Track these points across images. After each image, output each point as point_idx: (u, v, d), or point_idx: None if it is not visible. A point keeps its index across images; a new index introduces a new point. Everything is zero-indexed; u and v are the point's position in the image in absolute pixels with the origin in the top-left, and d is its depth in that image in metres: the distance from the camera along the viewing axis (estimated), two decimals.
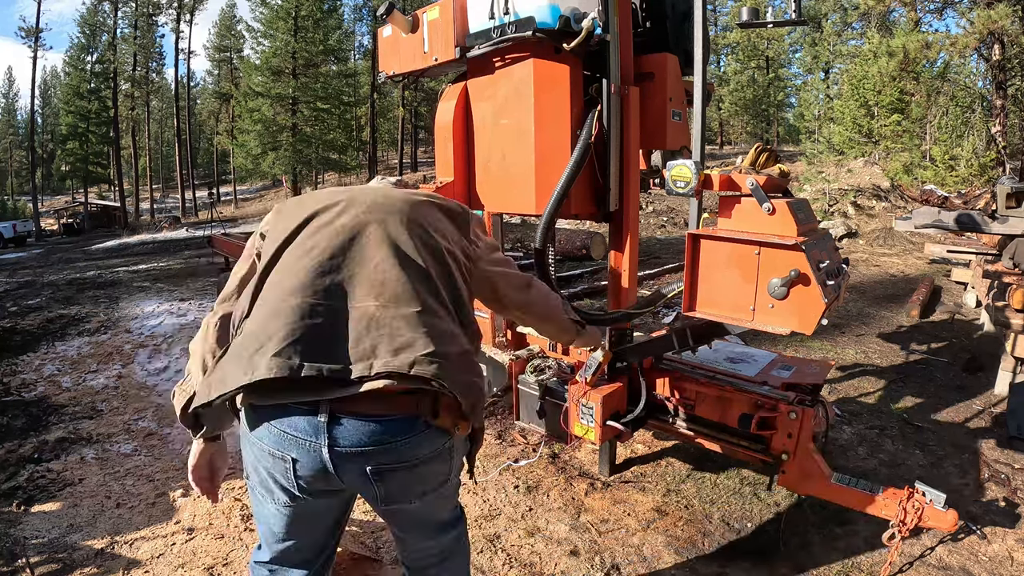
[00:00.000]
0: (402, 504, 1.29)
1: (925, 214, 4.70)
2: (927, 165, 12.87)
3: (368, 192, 1.39)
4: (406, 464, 1.20)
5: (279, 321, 1.14)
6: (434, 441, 1.22)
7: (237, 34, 43.62)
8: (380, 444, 1.16)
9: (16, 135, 60.18)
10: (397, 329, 1.16)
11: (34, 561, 2.32)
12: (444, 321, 1.24)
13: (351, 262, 1.23)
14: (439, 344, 1.17)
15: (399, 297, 1.19)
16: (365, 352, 1.13)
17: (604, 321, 2.25)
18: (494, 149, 2.33)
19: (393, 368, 1.11)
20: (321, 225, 1.28)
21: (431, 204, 1.42)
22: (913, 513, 1.95)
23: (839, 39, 27.83)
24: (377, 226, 1.28)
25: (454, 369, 1.18)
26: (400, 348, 1.14)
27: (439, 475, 1.30)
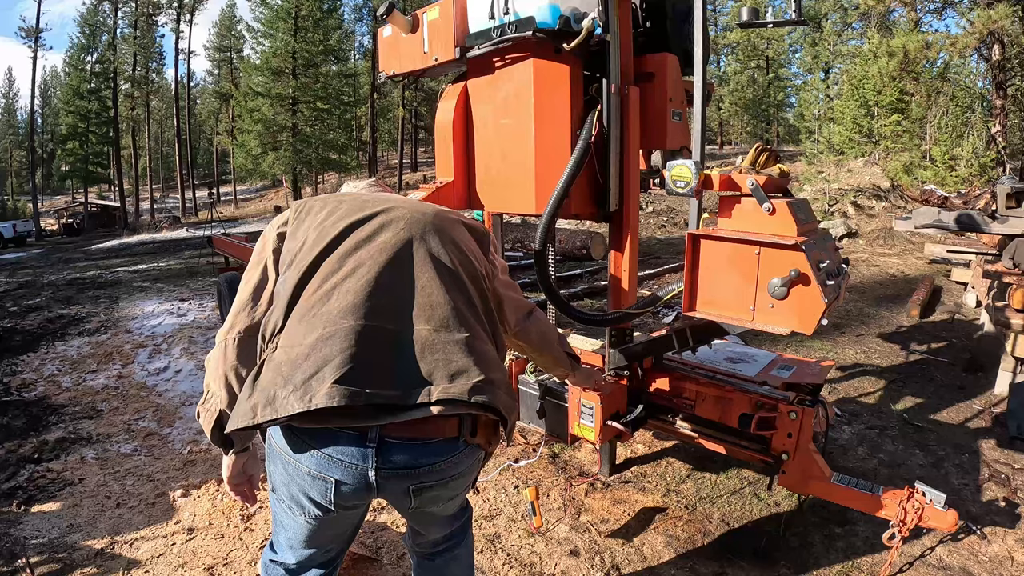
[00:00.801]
0: (430, 509, 1.33)
1: (925, 214, 4.70)
2: (927, 165, 12.87)
3: (403, 204, 1.37)
4: (443, 480, 1.23)
5: (335, 345, 1.11)
6: (471, 458, 1.27)
7: (237, 34, 43.63)
8: (427, 465, 1.18)
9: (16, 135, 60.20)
10: (451, 355, 1.17)
11: (34, 561, 2.32)
12: (487, 345, 1.27)
13: (400, 283, 1.22)
14: (488, 370, 1.20)
15: (449, 321, 1.20)
16: (421, 378, 1.13)
17: (604, 321, 2.25)
18: (494, 149, 2.33)
19: (452, 396, 1.12)
20: (362, 240, 1.26)
21: (459, 222, 1.42)
22: (913, 513, 1.95)
23: (839, 39, 27.83)
24: (419, 244, 1.28)
25: (502, 394, 1.22)
26: (456, 374, 1.15)
27: (467, 484, 1.35)
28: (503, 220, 2.82)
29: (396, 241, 1.26)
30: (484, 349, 1.24)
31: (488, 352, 1.25)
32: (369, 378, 1.10)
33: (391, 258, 1.24)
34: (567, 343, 1.86)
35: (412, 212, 1.34)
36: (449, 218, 1.40)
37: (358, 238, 1.26)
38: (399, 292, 1.21)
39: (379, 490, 1.19)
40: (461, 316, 1.23)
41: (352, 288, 1.18)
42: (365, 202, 1.36)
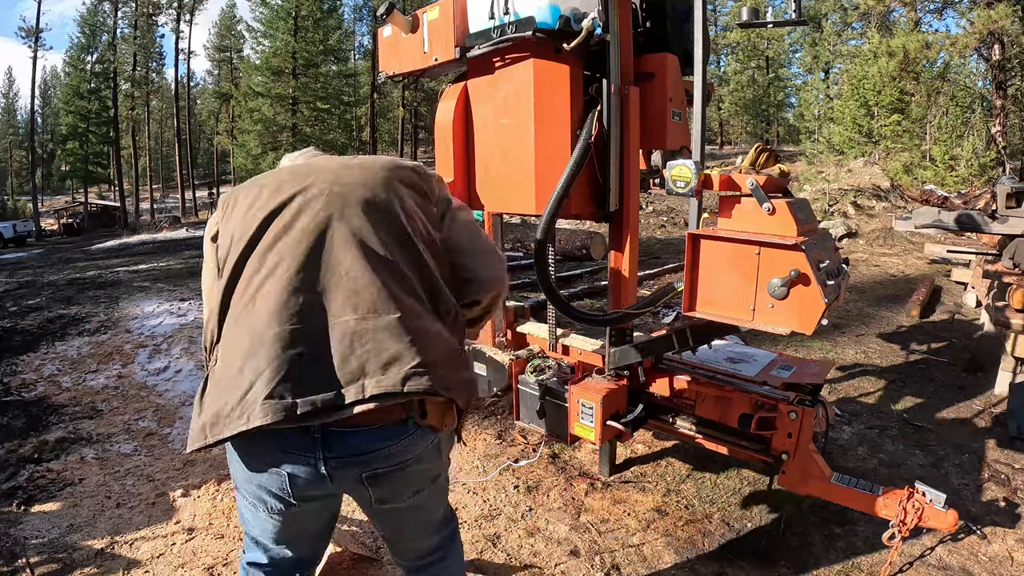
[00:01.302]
0: (395, 504, 1.29)
1: (925, 214, 4.69)
2: (927, 165, 12.87)
3: (324, 177, 1.27)
4: (399, 466, 1.21)
5: (263, 357, 1.10)
6: (424, 440, 1.23)
7: (237, 34, 43.62)
8: (374, 451, 1.16)
9: (16, 135, 60.20)
10: (381, 342, 1.12)
11: (34, 561, 2.32)
12: (425, 320, 1.20)
13: (321, 273, 1.16)
14: (426, 351, 1.15)
15: (376, 305, 1.14)
16: (354, 373, 1.11)
17: (604, 321, 2.25)
18: (494, 149, 2.33)
19: (386, 388, 1.10)
20: (280, 231, 1.20)
21: (389, 177, 1.30)
22: (913, 513, 1.96)
23: (839, 39, 27.83)
24: (339, 222, 1.20)
25: (444, 372, 1.18)
26: (388, 363, 1.11)
27: (429, 472, 1.30)
28: (503, 220, 2.82)
29: (314, 226, 1.19)
30: (419, 327, 1.17)
31: (425, 328, 1.18)
32: (301, 386, 1.09)
33: (310, 247, 1.17)
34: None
35: (332, 185, 1.25)
36: (377, 176, 1.28)
37: (277, 229, 1.20)
38: (322, 283, 1.16)
39: (332, 480, 1.18)
40: (391, 294, 1.16)
41: (273, 290, 1.14)
42: (284, 182, 1.28)
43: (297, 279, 1.15)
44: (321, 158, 1.43)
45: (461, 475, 2.93)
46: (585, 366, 2.57)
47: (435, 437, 1.26)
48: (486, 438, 3.29)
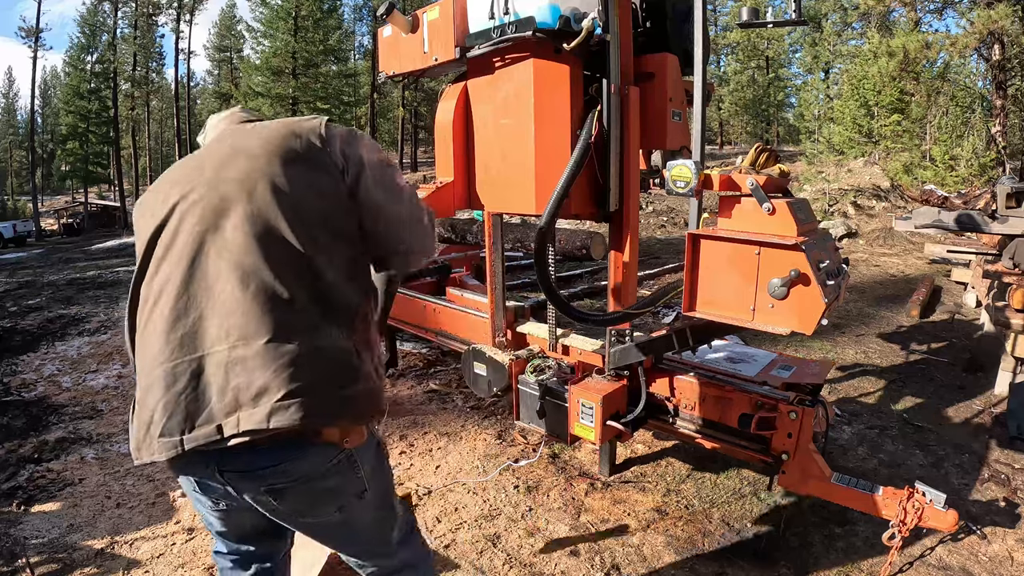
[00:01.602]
0: (321, 519, 1.26)
1: (925, 214, 4.69)
2: (927, 165, 12.87)
3: (206, 174, 1.21)
4: (299, 481, 1.17)
5: (154, 394, 1.12)
6: (324, 456, 1.18)
7: (237, 34, 43.63)
8: (269, 467, 1.15)
9: (16, 135, 60.19)
10: (252, 372, 1.08)
11: (34, 561, 2.32)
12: (302, 336, 1.13)
13: (196, 298, 1.13)
14: (298, 378, 1.09)
15: (246, 330, 1.09)
16: (230, 406, 1.09)
17: (604, 321, 2.25)
18: (494, 149, 2.33)
19: (255, 424, 1.07)
20: (163, 252, 1.17)
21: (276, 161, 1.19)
22: (913, 513, 1.96)
23: (839, 39, 27.83)
24: (213, 236, 1.14)
25: (321, 396, 1.12)
26: (258, 395, 1.08)
27: (347, 487, 1.25)
28: (503, 220, 2.82)
29: (192, 245, 1.15)
30: (291, 350, 1.10)
31: (299, 350, 1.11)
32: (187, 423, 1.10)
33: (187, 270, 1.14)
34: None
35: (210, 191, 1.18)
36: (260, 169, 1.18)
37: (161, 249, 1.18)
38: (199, 309, 1.13)
39: (237, 491, 1.19)
40: (260, 316, 1.10)
41: (158, 321, 1.14)
42: (174, 184, 1.23)
43: (177, 308, 1.13)
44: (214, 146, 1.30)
45: (461, 475, 2.93)
46: (585, 366, 2.57)
47: (339, 453, 1.20)
48: (486, 438, 3.29)
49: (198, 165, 1.24)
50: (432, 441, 3.31)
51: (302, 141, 1.23)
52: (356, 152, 1.27)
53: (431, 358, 4.70)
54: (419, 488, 2.83)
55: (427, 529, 2.52)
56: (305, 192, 1.19)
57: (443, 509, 2.65)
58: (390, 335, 4.36)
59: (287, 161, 1.20)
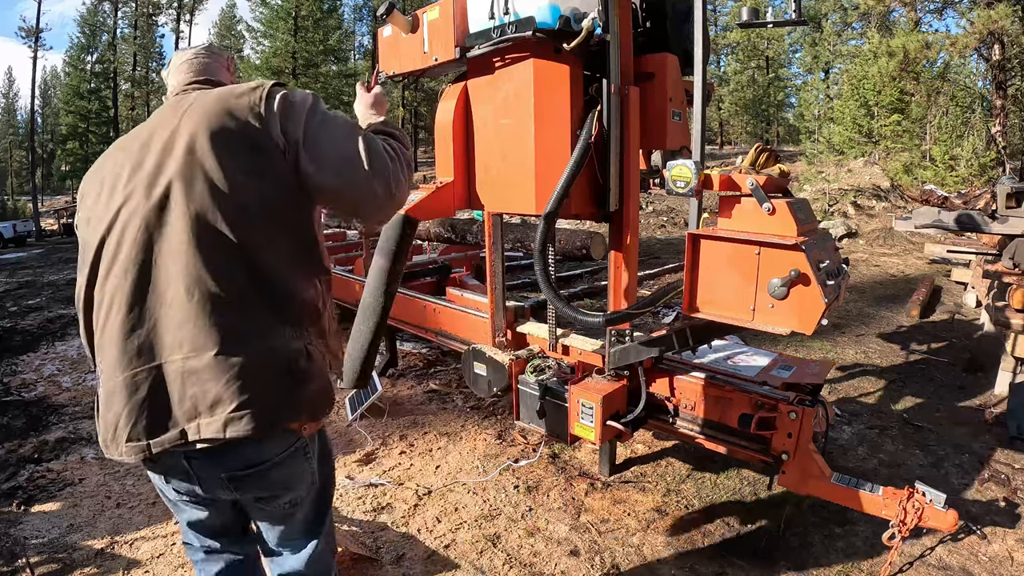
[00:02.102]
0: (275, 507, 1.33)
1: (925, 214, 4.69)
2: (927, 165, 12.87)
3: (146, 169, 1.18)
4: (258, 468, 1.22)
5: (118, 402, 1.16)
6: (282, 442, 1.24)
7: (237, 34, 43.57)
8: (228, 456, 1.19)
9: (16, 135, 60.12)
10: (205, 383, 1.12)
11: (34, 561, 2.32)
12: (250, 342, 1.15)
13: (150, 308, 1.15)
14: (248, 386, 1.13)
15: (196, 342, 1.12)
16: (189, 412, 1.14)
17: (604, 321, 2.25)
18: (494, 149, 2.33)
19: (212, 434, 1.12)
20: (111, 261, 1.17)
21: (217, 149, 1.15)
22: (913, 513, 1.96)
23: (839, 39, 27.81)
24: (159, 243, 1.14)
25: (272, 402, 1.16)
26: (213, 405, 1.12)
27: (300, 476, 1.31)
28: (503, 220, 2.82)
29: (138, 254, 1.15)
30: (238, 361, 1.13)
31: (246, 360, 1.14)
32: (151, 428, 1.15)
33: (136, 280, 1.15)
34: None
35: (149, 191, 1.15)
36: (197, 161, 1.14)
37: (108, 257, 1.18)
38: (153, 319, 1.15)
39: (200, 480, 1.23)
40: (211, 323, 1.12)
41: (113, 329, 1.16)
42: (116, 182, 1.21)
43: (131, 318, 1.15)
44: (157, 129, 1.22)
45: (461, 475, 2.93)
46: (585, 366, 2.57)
47: (297, 440, 1.26)
48: (486, 438, 3.29)
49: (139, 160, 1.20)
50: (432, 441, 3.31)
51: (239, 123, 1.18)
52: (295, 125, 1.20)
53: (431, 358, 4.70)
54: (419, 488, 2.83)
55: (427, 529, 2.52)
56: (244, 182, 1.16)
57: (443, 509, 2.65)
58: (390, 335, 4.36)
59: (224, 150, 1.15)
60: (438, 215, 2.58)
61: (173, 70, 1.40)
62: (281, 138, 1.19)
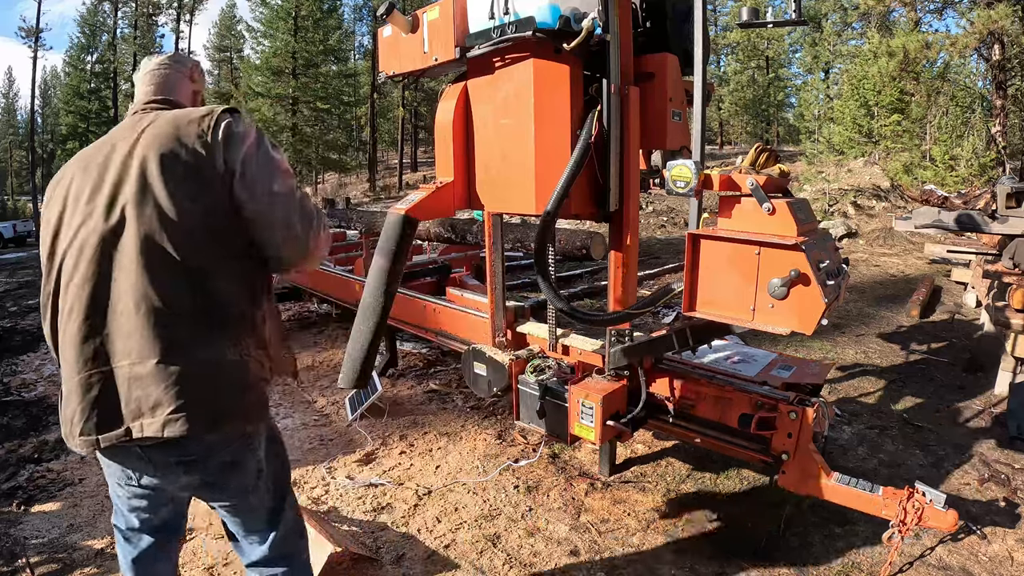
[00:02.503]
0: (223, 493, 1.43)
1: (925, 214, 4.69)
2: (927, 165, 12.86)
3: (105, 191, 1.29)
4: (203, 456, 1.33)
5: (75, 399, 1.28)
6: (224, 437, 1.35)
7: (237, 34, 43.59)
8: (178, 444, 1.29)
9: (16, 135, 60.08)
10: (147, 387, 1.25)
11: (34, 561, 2.32)
12: (189, 353, 1.27)
13: (104, 318, 1.27)
14: (184, 392, 1.25)
15: (142, 351, 1.24)
16: (134, 412, 1.26)
17: (604, 321, 2.25)
18: (494, 149, 2.33)
19: (153, 432, 1.25)
20: (69, 276, 1.30)
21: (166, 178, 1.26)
22: (913, 513, 1.95)
23: (839, 39, 27.80)
24: (111, 262, 1.26)
25: (203, 405, 1.27)
26: (155, 407, 1.25)
27: (245, 466, 1.41)
28: (503, 220, 2.82)
29: (94, 271, 1.27)
30: (177, 370, 1.25)
31: (185, 369, 1.26)
32: (101, 425, 1.27)
33: (92, 294, 1.27)
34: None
35: (107, 214, 1.27)
36: (149, 188, 1.26)
37: (67, 274, 1.30)
38: (106, 327, 1.27)
39: (153, 464, 1.34)
40: (153, 336, 1.24)
41: (71, 335, 1.28)
42: (76, 200, 1.32)
43: (86, 327, 1.27)
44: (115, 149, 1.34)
45: (461, 475, 2.93)
46: (585, 366, 2.57)
47: (239, 435, 1.37)
48: (486, 438, 3.29)
49: (98, 182, 1.31)
50: (432, 441, 3.31)
51: (187, 150, 1.29)
52: (235, 153, 1.31)
53: (431, 358, 4.70)
54: (419, 488, 2.83)
55: (427, 529, 2.52)
56: (190, 208, 1.27)
57: (443, 509, 2.65)
58: (390, 335, 4.36)
59: (172, 176, 1.27)
60: (438, 215, 2.58)
61: (138, 80, 1.51)
62: (223, 166, 1.30)
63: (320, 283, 5.10)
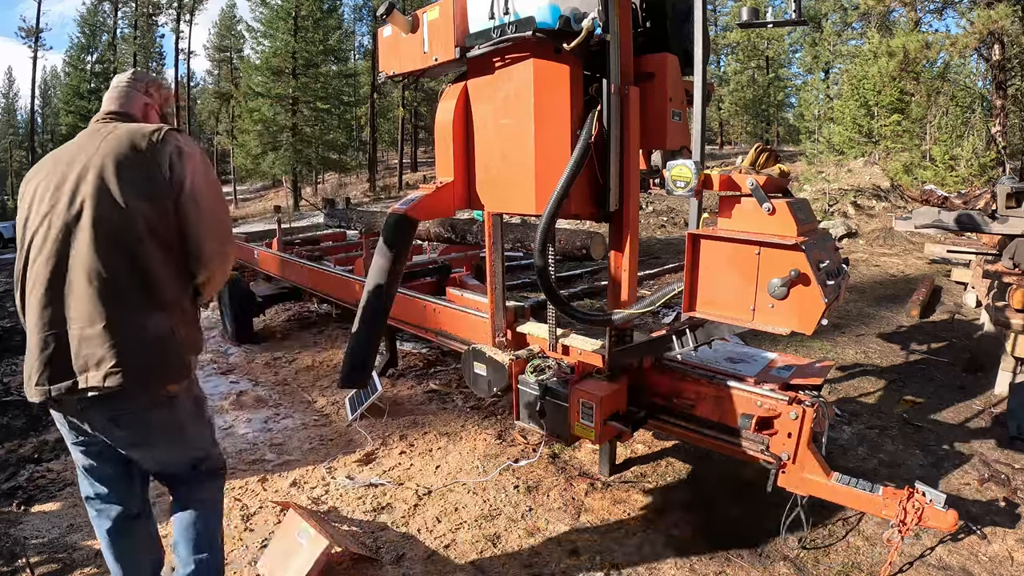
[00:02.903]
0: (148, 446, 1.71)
1: (925, 214, 4.70)
2: (927, 165, 12.85)
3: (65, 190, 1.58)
4: (131, 412, 1.61)
5: (33, 355, 1.58)
6: (150, 395, 1.61)
7: (237, 34, 43.57)
8: (111, 402, 1.57)
9: (16, 135, 60.05)
10: (94, 347, 1.53)
11: (34, 561, 2.32)
12: (130, 321, 1.56)
13: (61, 290, 1.55)
14: (123, 352, 1.54)
15: (92, 317, 1.53)
16: (82, 367, 1.53)
17: (604, 321, 2.25)
18: (494, 149, 2.33)
19: (96, 383, 1.52)
20: (37, 253, 1.58)
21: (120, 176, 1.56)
22: (913, 513, 1.95)
23: (839, 39, 27.78)
24: (71, 241, 1.55)
25: (138, 364, 1.55)
26: (99, 362, 1.52)
27: (171, 421, 1.69)
28: (503, 220, 2.82)
29: (56, 251, 1.55)
30: (120, 331, 1.54)
31: (127, 329, 1.55)
32: (54, 376, 1.55)
33: (53, 268, 1.55)
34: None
35: (69, 204, 1.56)
36: (105, 184, 1.55)
37: (35, 251, 1.58)
38: (62, 298, 1.55)
39: (91, 423, 1.61)
40: (101, 307, 1.53)
41: (34, 301, 1.57)
42: (46, 191, 1.61)
43: (46, 297, 1.56)
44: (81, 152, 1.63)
45: (461, 475, 2.93)
46: (585, 366, 2.57)
47: (163, 395, 1.63)
48: (486, 438, 3.29)
49: (63, 177, 1.60)
50: (432, 441, 3.31)
51: (139, 156, 1.60)
52: (182, 168, 1.62)
53: (431, 358, 4.70)
54: (419, 488, 2.83)
55: (427, 529, 2.52)
56: (135, 205, 1.56)
57: (443, 509, 2.65)
58: (390, 335, 4.36)
59: (124, 177, 1.57)
60: (438, 215, 2.59)
61: (106, 95, 1.82)
62: (168, 173, 1.60)
63: (320, 283, 5.10)
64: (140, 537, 1.86)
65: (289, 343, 5.39)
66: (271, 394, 4.03)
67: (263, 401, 3.98)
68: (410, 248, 2.32)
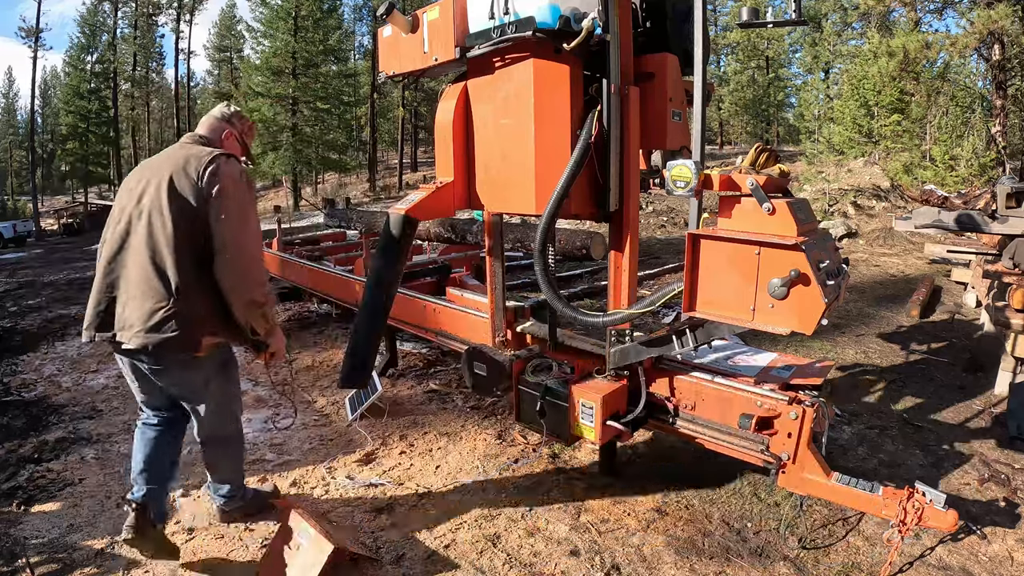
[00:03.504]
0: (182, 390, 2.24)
1: (925, 214, 4.70)
2: (927, 165, 12.85)
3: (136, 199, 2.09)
4: (166, 365, 2.13)
5: (91, 309, 2.11)
6: (175, 354, 2.08)
7: (237, 34, 43.59)
8: (143, 352, 2.06)
9: (16, 135, 60.06)
10: (133, 311, 2.03)
11: (34, 561, 2.32)
12: (164, 300, 2.01)
13: (120, 266, 2.08)
14: (149, 321, 2.01)
15: (136, 290, 2.03)
16: (121, 326, 2.05)
17: (604, 322, 2.25)
18: (494, 149, 2.33)
19: (126, 340, 2.04)
20: (110, 234, 2.11)
21: (174, 191, 2.03)
22: (913, 513, 1.96)
23: (839, 39, 27.78)
24: (134, 232, 2.06)
25: (156, 332, 2.01)
26: (132, 324, 2.02)
27: (196, 377, 2.20)
28: (503, 220, 2.82)
29: (120, 236, 2.08)
30: (149, 306, 2.01)
31: (152, 306, 2.01)
32: (100, 327, 2.09)
33: (116, 248, 2.08)
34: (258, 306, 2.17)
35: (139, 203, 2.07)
36: (163, 195, 2.02)
37: (110, 232, 2.12)
38: (119, 272, 2.07)
39: (137, 369, 2.19)
40: (145, 287, 2.01)
41: (100, 270, 2.10)
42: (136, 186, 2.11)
43: (107, 268, 2.09)
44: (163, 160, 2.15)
45: (461, 475, 2.93)
46: (585, 366, 2.57)
47: (190, 356, 2.09)
48: (486, 438, 3.29)
49: (141, 180, 2.12)
50: (432, 441, 3.31)
51: (189, 179, 2.05)
52: (212, 187, 2.04)
53: (431, 358, 4.70)
54: (419, 488, 2.83)
55: (427, 529, 2.52)
56: (177, 217, 2.02)
57: (443, 509, 2.65)
58: (390, 335, 4.36)
59: (174, 194, 2.04)
60: (438, 215, 2.59)
61: (203, 116, 2.35)
62: (206, 193, 2.04)
63: (320, 283, 5.10)
64: (165, 438, 2.33)
65: (289, 343, 5.39)
66: (271, 394, 4.03)
67: (263, 401, 3.98)
68: (410, 248, 2.32)
